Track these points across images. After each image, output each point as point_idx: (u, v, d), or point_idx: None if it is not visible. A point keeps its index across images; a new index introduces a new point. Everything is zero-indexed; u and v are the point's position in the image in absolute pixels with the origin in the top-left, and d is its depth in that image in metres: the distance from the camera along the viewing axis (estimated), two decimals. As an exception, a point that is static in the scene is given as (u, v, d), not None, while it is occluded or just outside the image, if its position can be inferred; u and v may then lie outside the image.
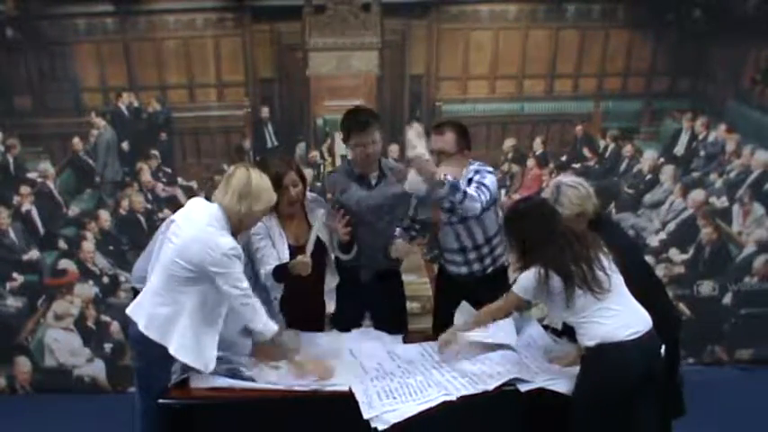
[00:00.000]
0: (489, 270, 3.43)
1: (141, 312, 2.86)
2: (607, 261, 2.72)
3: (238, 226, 2.87)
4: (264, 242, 3.19)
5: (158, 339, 2.80)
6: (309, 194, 3.45)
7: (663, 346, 2.76)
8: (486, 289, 3.34)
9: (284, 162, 3.29)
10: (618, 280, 2.73)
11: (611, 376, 2.63)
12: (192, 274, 2.77)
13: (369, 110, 3.56)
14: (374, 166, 3.42)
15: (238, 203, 2.81)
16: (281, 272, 3.14)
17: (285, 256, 3.21)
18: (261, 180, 2.86)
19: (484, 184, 3.17)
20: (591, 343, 2.68)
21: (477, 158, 3.41)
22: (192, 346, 2.80)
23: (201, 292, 2.80)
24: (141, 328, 2.83)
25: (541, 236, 2.71)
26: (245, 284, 2.79)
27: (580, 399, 2.71)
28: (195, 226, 2.81)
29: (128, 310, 2.92)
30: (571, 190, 3.00)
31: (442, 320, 3.47)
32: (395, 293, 3.60)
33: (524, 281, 2.75)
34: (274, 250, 3.20)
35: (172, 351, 2.79)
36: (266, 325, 2.82)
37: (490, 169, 3.32)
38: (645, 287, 2.86)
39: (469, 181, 3.22)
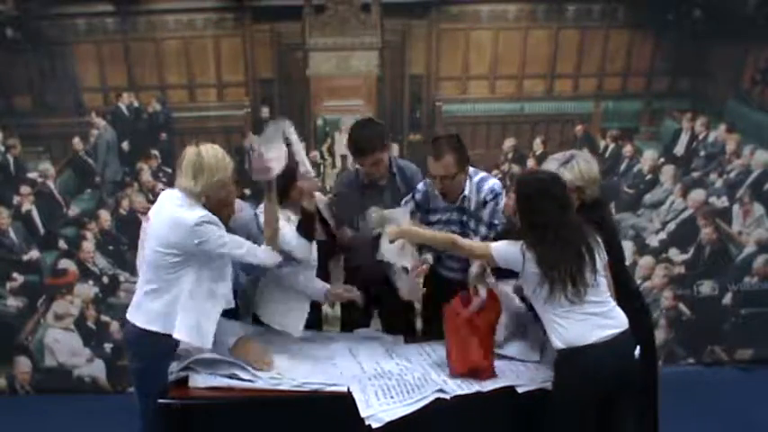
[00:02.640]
0: None
1: (139, 311, 2.87)
2: (601, 262, 2.68)
3: (210, 201, 2.86)
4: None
5: (162, 329, 2.81)
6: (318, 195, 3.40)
7: (638, 348, 2.71)
8: None
9: None
10: (603, 281, 2.69)
11: (580, 379, 2.60)
12: (177, 257, 2.79)
13: (369, 132, 3.34)
14: (383, 174, 3.38)
15: (194, 181, 2.81)
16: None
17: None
18: (211, 150, 2.86)
19: (498, 213, 3.16)
20: (559, 346, 2.64)
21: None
22: (193, 325, 2.82)
23: (193, 272, 2.82)
24: (142, 324, 2.83)
25: (546, 220, 2.63)
26: (227, 237, 2.82)
27: (553, 403, 2.68)
28: (164, 213, 2.85)
29: (127, 315, 2.93)
30: (584, 164, 2.98)
31: (428, 319, 3.45)
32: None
33: (506, 251, 2.69)
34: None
35: (175, 334, 2.80)
36: (265, 255, 2.91)
37: (496, 181, 3.25)
38: (618, 272, 2.87)
39: (484, 203, 3.18)
